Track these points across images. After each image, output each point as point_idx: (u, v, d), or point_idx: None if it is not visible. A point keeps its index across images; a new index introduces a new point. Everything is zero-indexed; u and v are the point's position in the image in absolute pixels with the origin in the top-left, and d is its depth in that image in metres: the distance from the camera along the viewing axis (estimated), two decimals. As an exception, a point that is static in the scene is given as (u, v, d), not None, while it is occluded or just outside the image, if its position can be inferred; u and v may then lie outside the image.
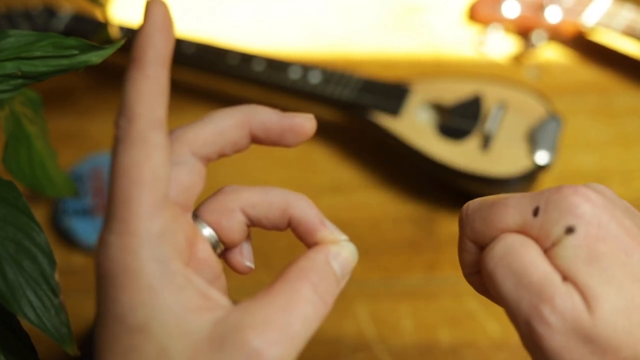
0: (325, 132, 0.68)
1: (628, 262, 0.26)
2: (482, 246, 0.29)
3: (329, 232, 0.29)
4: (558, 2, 0.71)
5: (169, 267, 0.25)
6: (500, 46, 0.74)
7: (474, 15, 0.75)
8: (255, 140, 0.30)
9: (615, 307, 0.25)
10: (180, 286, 0.25)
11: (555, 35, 0.72)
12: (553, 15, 0.71)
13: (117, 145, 0.25)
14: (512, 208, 0.28)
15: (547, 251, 0.27)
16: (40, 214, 0.63)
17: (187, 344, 0.25)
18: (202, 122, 0.29)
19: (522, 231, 0.28)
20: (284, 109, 0.30)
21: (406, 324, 0.56)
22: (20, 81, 0.32)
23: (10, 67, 0.32)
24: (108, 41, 0.53)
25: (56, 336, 0.30)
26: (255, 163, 0.67)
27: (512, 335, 0.55)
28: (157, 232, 0.25)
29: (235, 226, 0.30)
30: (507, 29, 0.74)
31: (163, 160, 0.25)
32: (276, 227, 0.30)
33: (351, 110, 0.64)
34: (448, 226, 0.61)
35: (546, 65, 0.72)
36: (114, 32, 0.62)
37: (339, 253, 0.29)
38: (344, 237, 0.30)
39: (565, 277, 0.26)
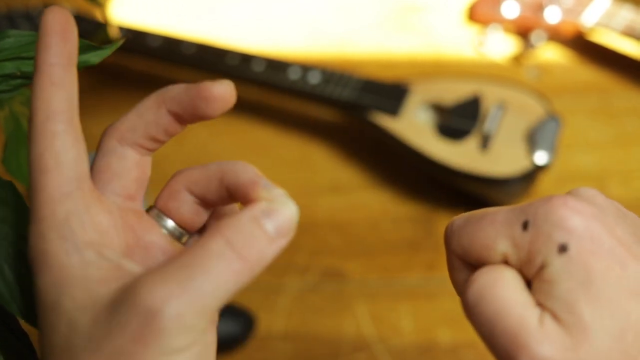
0: (325, 132, 0.68)
1: (623, 276, 0.25)
2: (472, 264, 0.28)
3: (263, 190, 0.27)
4: (557, 3, 0.71)
5: (77, 244, 0.26)
6: (499, 46, 0.74)
7: (473, 15, 0.75)
8: (176, 118, 0.29)
9: (608, 331, 0.25)
10: (89, 260, 0.25)
11: (555, 35, 0.72)
12: (552, 15, 0.71)
13: (27, 140, 0.27)
14: (498, 223, 0.27)
15: (537, 273, 0.26)
16: (39, 214, 0.63)
17: (91, 313, 0.25)
18: (127, 112, 0.30)
19: (512, 248, 0.27)
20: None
21: (406, 323, 0.56)
22: (19, 81, 0.32)
23: (10, 67, 0.32)
24: (107, 41, 0.53)
25: (56, 336, 0.30)
26: (255, 163, 0.66)
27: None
28: (65, 214, 0.26)
29: (183, 206, 0.30)
30: (507, 29, 0.74)
31: (65, 148, 0.26)
32: (223, 202, 0.29)
33: (351, 110, 0.64)
34: (447, 226, 0.61)
35: (545, 65, 0.72)
36: (114, 32, 0.62)
37: (273, 209, 0.26)
38: (280, 192, 0.27)
39: (546, 306, 0.25)
